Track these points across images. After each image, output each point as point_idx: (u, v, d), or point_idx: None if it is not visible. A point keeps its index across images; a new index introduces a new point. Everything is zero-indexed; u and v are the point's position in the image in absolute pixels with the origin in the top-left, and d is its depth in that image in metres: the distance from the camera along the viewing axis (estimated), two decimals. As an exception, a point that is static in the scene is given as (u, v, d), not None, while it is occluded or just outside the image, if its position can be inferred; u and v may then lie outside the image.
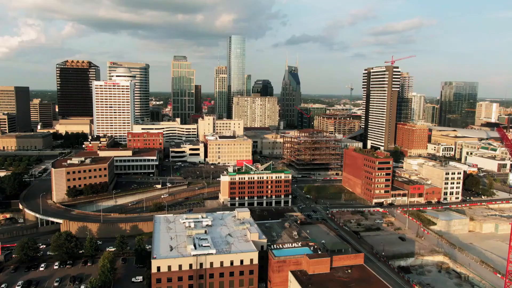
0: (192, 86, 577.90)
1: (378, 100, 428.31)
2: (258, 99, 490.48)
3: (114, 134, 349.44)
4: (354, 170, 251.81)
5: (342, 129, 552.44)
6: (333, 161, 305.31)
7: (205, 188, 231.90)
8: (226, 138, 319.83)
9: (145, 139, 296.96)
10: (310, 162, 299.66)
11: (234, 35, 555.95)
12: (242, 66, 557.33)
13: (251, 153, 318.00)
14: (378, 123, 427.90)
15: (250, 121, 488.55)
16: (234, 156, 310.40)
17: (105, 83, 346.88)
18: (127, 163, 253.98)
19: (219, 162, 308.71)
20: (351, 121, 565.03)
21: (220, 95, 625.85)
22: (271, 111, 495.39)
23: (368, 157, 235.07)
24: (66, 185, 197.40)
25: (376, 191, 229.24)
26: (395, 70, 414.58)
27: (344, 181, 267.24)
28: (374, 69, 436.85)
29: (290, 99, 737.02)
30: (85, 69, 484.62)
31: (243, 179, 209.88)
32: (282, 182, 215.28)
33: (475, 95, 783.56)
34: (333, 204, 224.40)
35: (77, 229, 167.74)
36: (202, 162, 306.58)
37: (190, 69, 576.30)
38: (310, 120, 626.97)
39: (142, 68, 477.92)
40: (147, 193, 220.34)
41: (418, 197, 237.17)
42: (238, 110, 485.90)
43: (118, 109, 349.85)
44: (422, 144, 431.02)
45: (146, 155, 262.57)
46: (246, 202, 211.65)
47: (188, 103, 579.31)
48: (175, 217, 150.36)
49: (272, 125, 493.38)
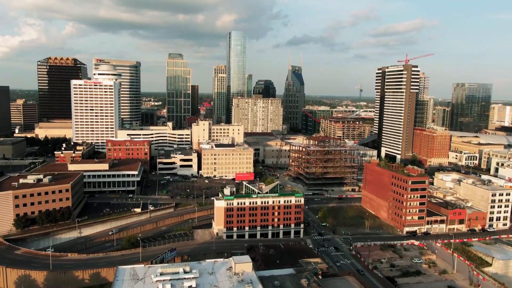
0: (188, 86, 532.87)
1: (394, 103, 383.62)
2: (260, 101, 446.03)
3: (96, 141, 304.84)
4: (377, 189, 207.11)
5: (351, 134, 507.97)
6: (348, 174, 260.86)
7: (196, 212, 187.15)
8: (223, 147, 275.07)
9: (127, 148, 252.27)
10: (321, 176, 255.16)
11: (234, 31, 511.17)
12: (242, 65, 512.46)
13: (253, 163, 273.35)
14: (394, 129, 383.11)
15: (251, 125, 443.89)
16: (233, 168, 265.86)
17: (85, 82, 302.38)
18: (103, 179, 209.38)
19: (215, 175, 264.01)
20: (361, 125, 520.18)
21: (219, 96, 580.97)
22: (274, 114, 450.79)
23: (397, 174, 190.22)
24: (14, 213, 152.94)
25: (408, 217, 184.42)
26: (413, 70, 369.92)
27: (364, 200, 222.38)
28: (389, 68, 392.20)
29: (293, 100, 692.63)
30: (69, 67, 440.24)
31: (242, 204, 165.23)
32: (292, 207, 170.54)
33: (489, 97, 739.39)
34: (355, 234, 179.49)
35: (16, 279, 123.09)
36: (195, 176, 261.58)
37: (186, 68, 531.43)
38: (315, 124, 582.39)
39: (132, 66, 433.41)
40: (123, 220, 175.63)
41: (458, 224, 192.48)
42: (238, 113, 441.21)
43: (100, 112, 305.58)
44: (443, 153, 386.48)
45: (126, 168, 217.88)
46: (246, 234, 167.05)
47: (184, 105, 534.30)
48: (146, 269, 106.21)
49: (275, 130, 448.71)
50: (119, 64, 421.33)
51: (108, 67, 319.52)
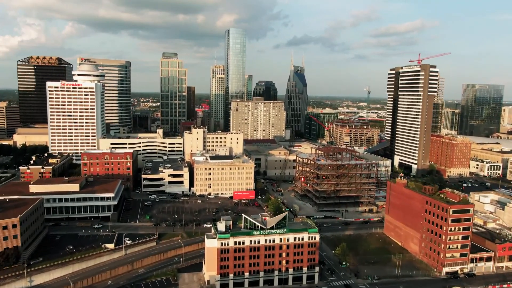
0: (184, 88, 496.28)
1: (409, 107, 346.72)
2: (261, 104, 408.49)
3: (75, 151, 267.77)
4: (405, 215, 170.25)
5: (359, 140, 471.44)
6: (365, 192, 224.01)
7: (183, 248, 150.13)
8: (220, 160, 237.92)
9: (106, 162, 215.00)
10: (333, 194, 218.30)
11: (233, 28, 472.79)
12: (242, 65, 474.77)
13: (254, 176, 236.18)
14: (410, 135, 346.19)
15: (252, 130, 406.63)
16: (231, 184, 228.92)
17: (61, 84, 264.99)
18: (71, 203, 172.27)
19: (210, 193, 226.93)
20: (369, 130, 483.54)
21: (216, 98, 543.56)
22: (277, 119, 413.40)
23: (433, 200, 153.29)
24: None
25: (447, 254, 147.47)
26: (432, 70, 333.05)
27: (387, 227, 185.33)
28: (404, 68, 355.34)
29: (296, 102, 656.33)
30: (53, 67, 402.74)
31: (241, 243, 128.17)
32: (305, 247, 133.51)
33: (501, 99, 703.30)
34: (383, 277, 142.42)
35: None
36: (186, 194, 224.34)
37: (181, 68, 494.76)
38: (319, 127, 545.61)
39: (121, 66, 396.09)
40: (89, 261, 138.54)
41: (508, 261, 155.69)
42: (237, 117, 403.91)
43: (79, 119, 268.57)
44: (463, 162, 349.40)
45: (101, 189, 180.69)
46: (246, 281, 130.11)
47: (179, 108, 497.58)
48: None
49: (278, 136, 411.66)
50: (106, 63, 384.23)
51: (89, 67, 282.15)
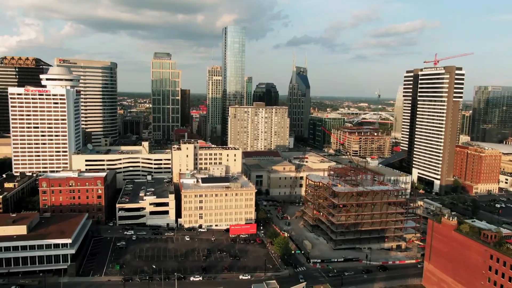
0: (177, 91, 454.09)
1: (431, 114, 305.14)
2: (263, 110, 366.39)
3: (42, 170, 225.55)
4: (456, 268, 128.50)
5: (369, 148, 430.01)
6: (392, 224, 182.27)
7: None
8: (213, 183, 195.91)
9: (72, 189, 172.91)
10: (353, 227, 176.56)
11: (231, 26, 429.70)
12: (241, 66, 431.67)
13: (254, 201, 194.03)
14: (432, 146, 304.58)
15: (252, 139, 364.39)
16: (227, 214, 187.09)
17: (25, 90, 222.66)
18: (14, 253, 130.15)
19: (201, 226, 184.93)
20: (380, 137, 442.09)
21: (213, 102, 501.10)
22: (280, 126, 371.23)
23: (503, 256, 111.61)
24: None
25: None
26: (458, 73, 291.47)
27: (428, 279, 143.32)
28: (424, 71, 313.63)
29: (298, 106, 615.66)
30: (30, 69, 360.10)
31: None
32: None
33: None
34: None
35: None
36: (172, 228, 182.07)
37: (174, 70, 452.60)
38: (325, 134, 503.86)
39: (105, 68, 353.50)
40: None
41: None
42: (236, 124, 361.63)
43: (48, 131, 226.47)
44: (492, 177, 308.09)
45: (57, 230, 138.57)
46: None
47: (172, 113, 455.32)
48: None
49: (281, 145, 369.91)
50: (88, 65, 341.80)
51: (60, 69, 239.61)
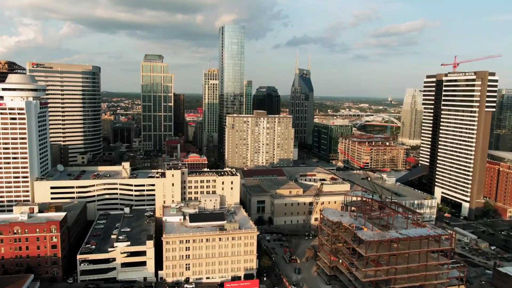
0: (170, 97, 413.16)
1: (459, 125, 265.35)
2: (264, 119, 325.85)
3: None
4: None
5: (381, 160, 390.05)
6: (432, 279, 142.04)
7: None
8: (205, 221, 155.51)
9: (17, 238, 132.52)
10: (385, 285, 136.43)
11: (229, 25, 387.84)
12: (239, 70, 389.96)
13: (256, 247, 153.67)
14: (459, 162, 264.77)
15: (252, 152, 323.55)
16: (221, 264, 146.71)
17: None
18: None
19: (188, 279, 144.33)
20: (393, 147, 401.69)
21: (210, 108, 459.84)
22: (283, 138, 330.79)
23: None
24: None
25: None
26: (491, 79, 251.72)
27: None
28: (450, 76, 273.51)
29: (301, 110, 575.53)
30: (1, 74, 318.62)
31: None
32: None
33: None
34: None
35: None
36: (151, 284, 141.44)
37: (167, 74, 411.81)
38: (331, 141, 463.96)
39: (86, 73, 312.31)
40: None
41: None
42: (234, 136, 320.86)
43: (3, 153, 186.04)
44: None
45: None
46: None
47: (164, 121, 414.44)
48: None
49: (285, 159, 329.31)
50: (66, 69, 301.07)
51: (20, 77, 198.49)
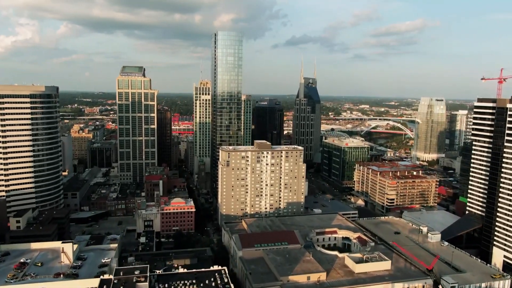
0: (152, 118, 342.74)
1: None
2: (268, 154, 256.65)
3: None
4: None
5: (408, 194, 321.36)
6: None
7: None
8: None
9: None
10: None
11: (223, 32, 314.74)
12: (236, 87, 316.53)
13: None
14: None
15: (252, 196, 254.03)
16: None
17: None
18: None
19: None
20: (424, 179, 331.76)
21: (202, 128, 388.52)
22: (292, 176, 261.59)
23: None
24: None
25: None
26: None
27: None
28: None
29: (307, 125, 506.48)
30: None
31: None
32: None
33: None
34: None
35: None
36: None
37: (148, 90, 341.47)
38: (344, 164, 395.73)
39: (37, 96, 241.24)
40: None
41: None
42: (229, 176, 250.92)
43: None
44: None
45: None
46: None
47: (146, 147, 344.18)
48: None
49: (295, 202, 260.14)
50: (8, 93, 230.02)
51: None
